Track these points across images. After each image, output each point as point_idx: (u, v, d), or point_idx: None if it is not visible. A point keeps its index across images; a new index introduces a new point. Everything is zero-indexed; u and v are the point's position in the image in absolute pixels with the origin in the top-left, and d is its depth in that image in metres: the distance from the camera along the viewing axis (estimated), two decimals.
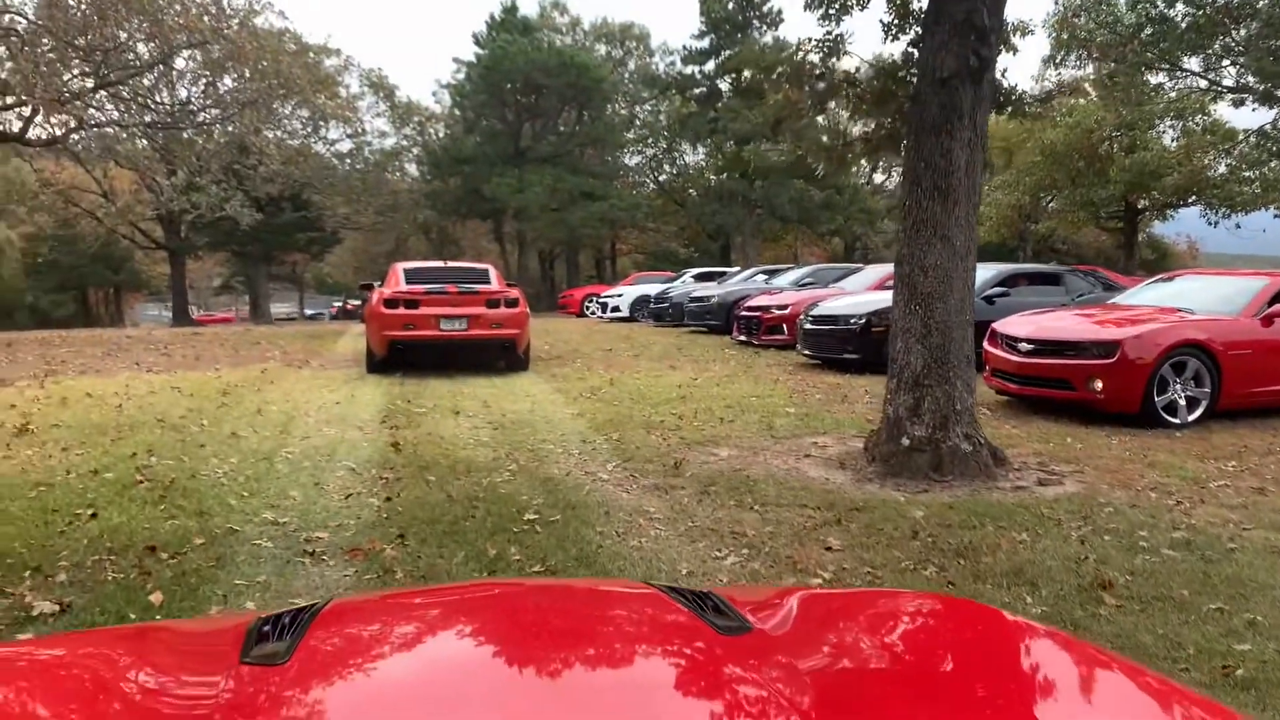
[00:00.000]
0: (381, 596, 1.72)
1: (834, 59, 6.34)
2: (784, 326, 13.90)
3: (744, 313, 14.83)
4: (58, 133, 18.50)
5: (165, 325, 38.25)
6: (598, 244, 51.47)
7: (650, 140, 45.03)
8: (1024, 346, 8.33)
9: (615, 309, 23.67)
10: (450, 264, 13.18)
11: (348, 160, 37.36)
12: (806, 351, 11.84)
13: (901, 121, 6.71)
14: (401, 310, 11.10)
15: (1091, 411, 7.90)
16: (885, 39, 6.70)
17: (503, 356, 11.76)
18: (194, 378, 10.64)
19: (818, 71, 6.40)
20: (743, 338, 14.74)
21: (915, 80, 6.22)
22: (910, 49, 6.44)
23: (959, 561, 4.20)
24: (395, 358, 11.43)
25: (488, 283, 11.95)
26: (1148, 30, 16.21)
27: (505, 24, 35.58)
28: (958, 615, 1.39)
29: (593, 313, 29.55)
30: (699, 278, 23.90)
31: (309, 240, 36.52)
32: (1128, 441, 7.04)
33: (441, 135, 39.86)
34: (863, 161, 55.28)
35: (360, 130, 36.87)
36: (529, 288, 41.06)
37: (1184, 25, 16.24)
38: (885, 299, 11.55)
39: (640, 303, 23.36)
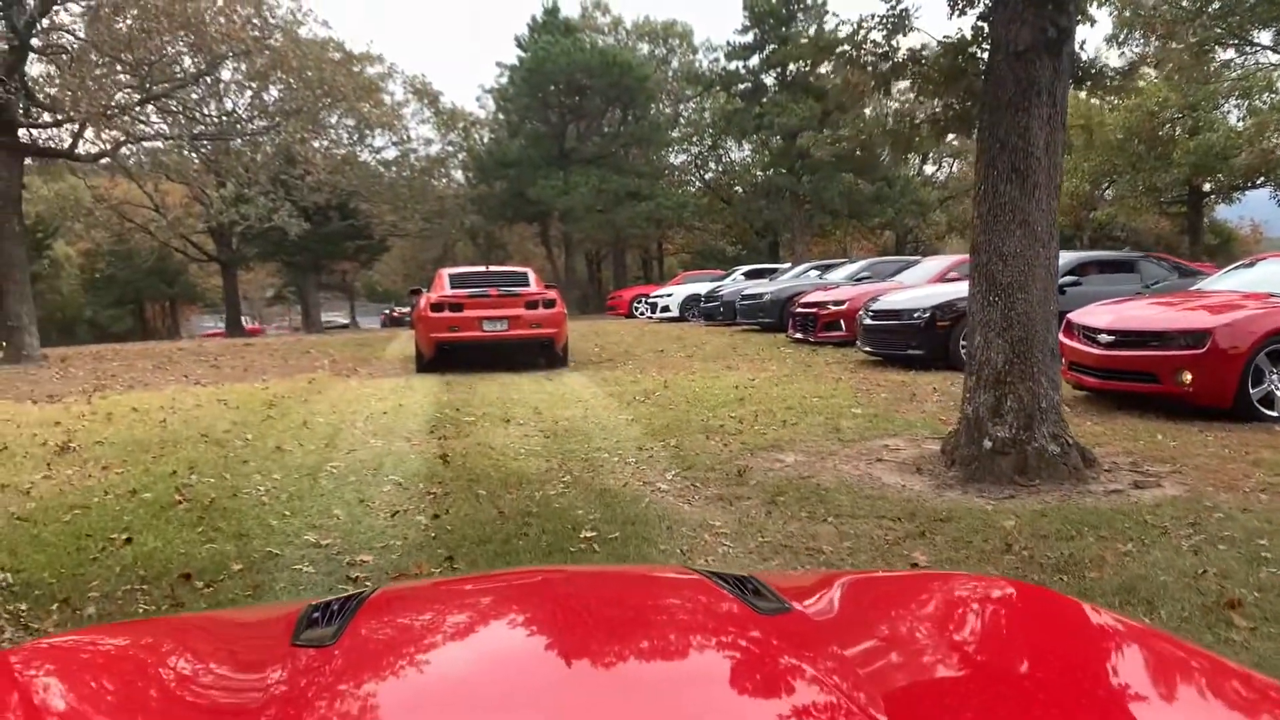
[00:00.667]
0: (429, 584, 1.77)
1: (899, 35, 5.93)
2: (841, 323, 13.47)
3: (799, 309, 14.41)
4: (106, 148, 18.60)
5: (219, 336, 39.01)
6: (644, 244, 51.21)
7: (695, 138, 44.63)
8: (1104, 338, 7.84)
9: (665, 309, 23.34)
10: (492, 269, 13.95)
11: (393, 167, 37.52)
12: (867, 348, 11.41)
13: (972, 101, 6.29)
14: (447, 313, 11.83)
15: (1180, 406, 7.39)
16: (951, 14, 6.29)
17: (542, 354, 12.44)
18: (241, 390, 10.52)
19: (881, 50, 6.00)
20: (799, 335, 14.32)
21: (987, 55, 5.81)
22: (980, 23, 6.02)
23: (1061, 578, 3.81)
24: (442, 358, 12.10)
25: (527, 285, 12.61)
26: (1216, 3, 15.47)
27: (547, 25, 35.44)
28: (1005, 596, 1.37)
29: (642, 313, 29.25)
30: (749, 275, 23.48)
31: (357, 249, 36.74)
32: (1224, 438, 6.54)
33: (486, 140, 39.87)
34: (913, 153, 54.57)
35: (405, 137, 37.03)
36: (575, 289, 40.88)
37: None
38: (949, 292, 11.09)
39: (690, 302, 23.00)
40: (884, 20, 5.88)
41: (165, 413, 8.66)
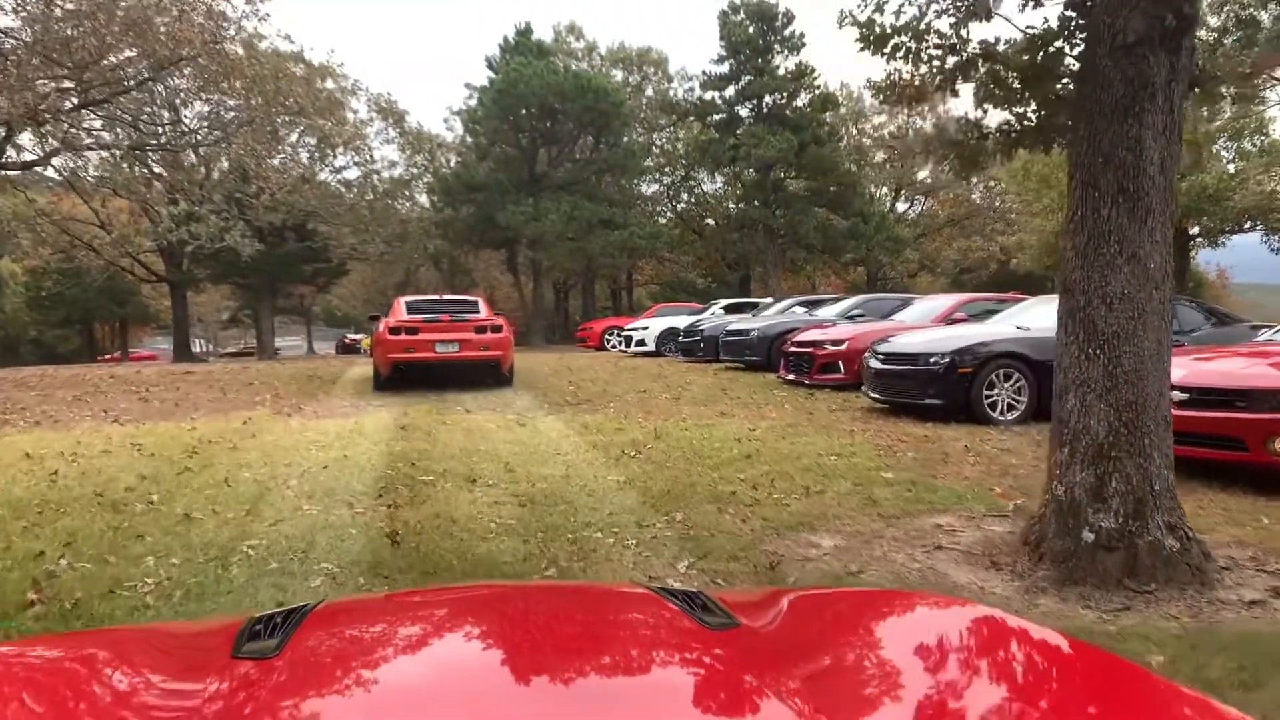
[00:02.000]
0: (375, 598, 1.84)
1: (972, 23, 4.82)
2: (840, 364, 12.35)
3: (793, 349, 13.27)
4: (39, 154, 17.13)
5: (151, 360, 37.08)
6: (615, 274, 50.16)
7: (667, 168, 43.79)
8: (1176, 395, 6.75)
9: (640, 343, 22.16)
10: (445, 297, 15.79)
11: (355, 189, 36.15)
12: (875, 394, 10.27)
13: (1051, 109, 5.19)
14: (404, 336, 13.17)
15: (1269, 479, 6.31)
16: (1023, 4, 5.20)
17: (490, 374, 13.99)
18: (164, 430, 9.13)
19: (949, 41, 4.88)
20: (791, 376, 13.18)
21: (1083, 50, 4.73)
22: (1069, 12, 4.93)
23: None
24: (398, 376, 13.53)
25: (477, 312, 14.15)
26: (1232, 37, 14.64)
27: (519, 46, 34.41)
28: (951, 614, 1.39)
29: (614, 346, 28.05)
30: (729, 309, 22.40)
31: (314, 272, 35.25)
32: None
33: (453, 163, 38.63)
34: (884, 188, 54.17)
35: (369, 158, 35.70)
36: (542, 319, 39.66)
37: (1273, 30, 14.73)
38: (970, 334, 10.00)
39: (667, 336, 21.86)
40: (956, 4, 4.76)
41: (64, 461, 7.28)
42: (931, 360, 9.52)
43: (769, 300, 23.32)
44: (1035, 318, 10.21)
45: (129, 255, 35.25)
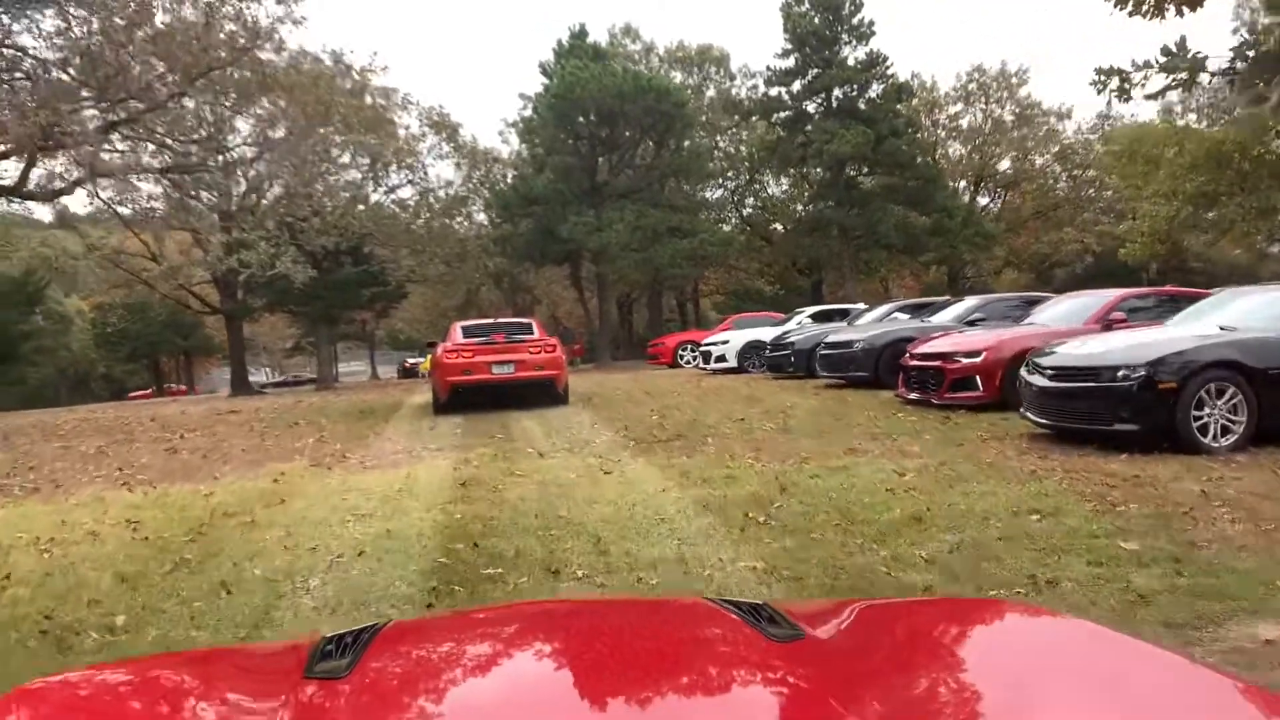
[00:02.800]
0: (443, 616, 1.89)
1: None
2: (977, 380, 10.43)
3: (915, 362, 11.38)
4: (62, 184, 16.01)
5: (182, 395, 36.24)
6: (681, 285, 48.47)
7: (730, 172, 41.94)
8: None
9: (721, 359, 20.36)
10: (499, 319, 16.45)
11: (410, 207, 35.02)
12: (1040, 419, 8.33)
13: None
14: (460, 359, 13.70)
15: None
16: None
17: (545, 393, 14.22)
18: (175, 499, 7.62)
19: None
20: (914, 395, 11.29)
21: None
22: None
23: None
24: (457, 399, 13.86)
25: (530, 334, 14.57)
26: None
27: (574, 50, 32.97)
28: (1035, 624, 1.35)
29: (688, 363, 26.35)
30: (818, 318, 20.50)
31: (372, 296, 34.15)
32: None
33: (510, 177, 37.32)
34: (962, 181, 51.42)
35: (423, 175, 34.55)
36: (609, 335, 38.07)
37: None
38: (1160, 341, 8.02)
39: (750, 350, 20.05)
40: None
41: (32, 552, 5.76)
42: (1121, 375, 7.57)
43: (860, 306, 21.37)
44: (1244, 315, 8.22)
45: (182, 287, 34.54)
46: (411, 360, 58.52)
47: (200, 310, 36.86)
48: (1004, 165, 50.72)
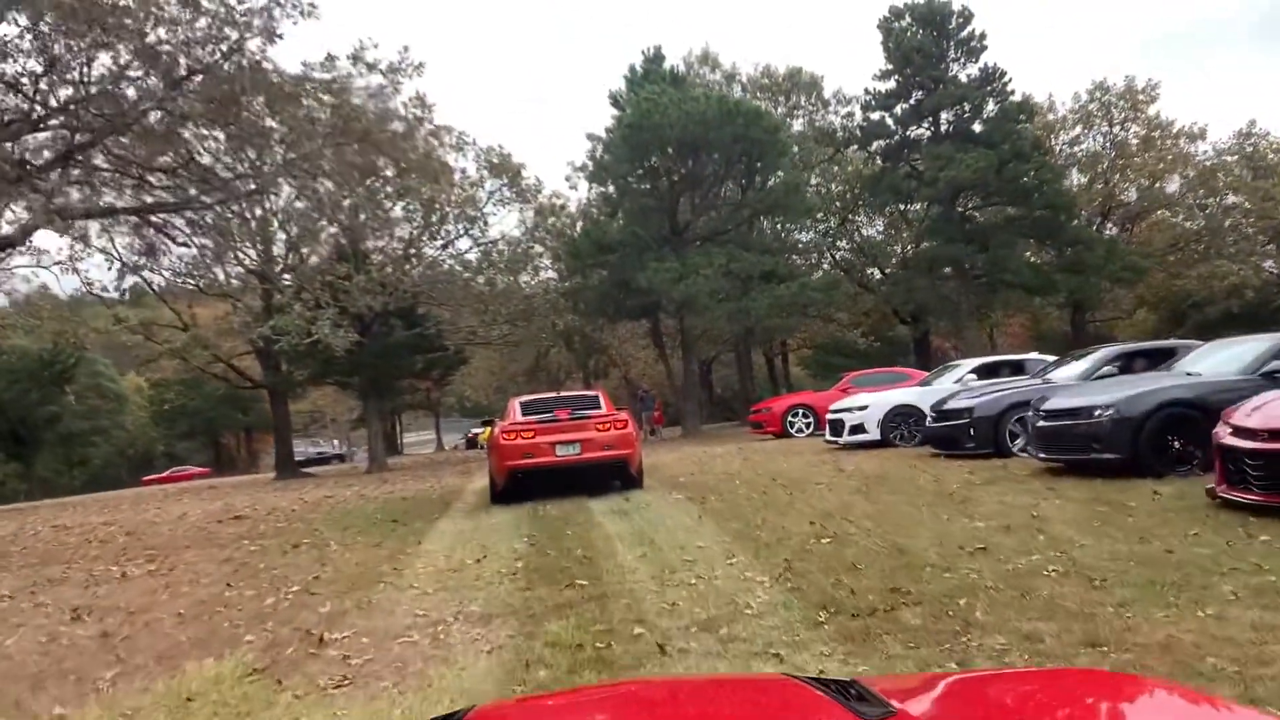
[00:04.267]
0: (529, 699, 1.87)
1: None
2: None
3: (1246, 442, 7.07)
4: (12, 230, 12.68)
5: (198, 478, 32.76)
6: (771, 340, 44.31)
7: (820, 213, 37.85)
8: None
9: (858, 429, 16.06)
10: (562, 393, 15.18)
11: (470, 262, 31.61)
12: None
13: None
14: (519, 440, 12.12)
15: None
16: None
17: (617, 476, 12.68)
18: None
19: None
20: (1254, 496, 6.96)
21: None
22: None
23: None
24: (517, 486, 12.26)
25: (597, 408, 13.19)
26: None
27: (650, 75, 29.52)
28: (1131, 693, 1.34)
29: (800, 431, 22.16)
30: (982, 373, 16.17)
31: (427, 363, 30.64)
32: None
33: (579, 226, 33.74)
34: (1083, 213, 46.38)
35: (483, 225, 31.12)
36: (695, 398, 33.96)
37: None
38: None
39: (898, 417, 15.79)
40: None
41: None
42: None
43: (1039, 357, 17.01)
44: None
45: (219, 359, 31.52)
46: (474, 430, 55.19)
47: (241, 385, 33.81)
48: (1129, 194, 45.84)
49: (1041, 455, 10.43)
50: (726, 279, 26.80)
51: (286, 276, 31.25)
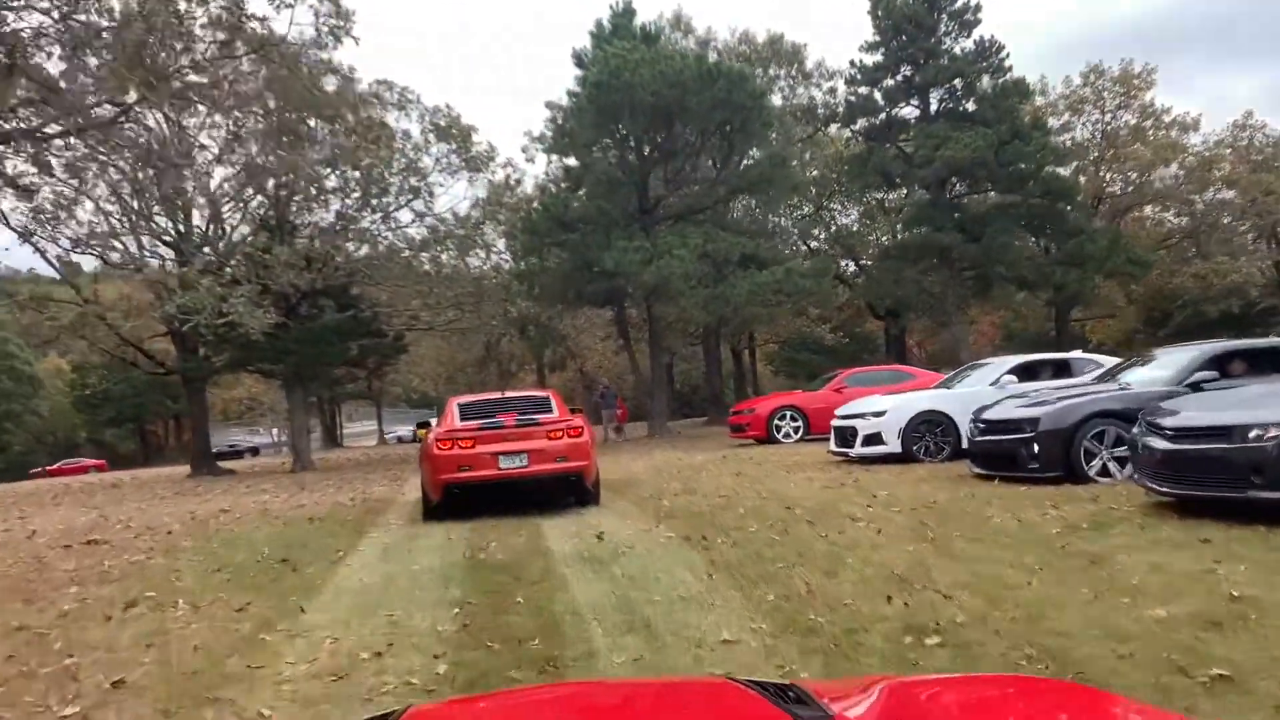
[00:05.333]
0: (460, 701, 1.85)
1: None
2: None
3: None
4: None
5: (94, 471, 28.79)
6: (740, 332, 41.69)
7: (797, 198, 35.26)
8: None
9: (873, 439, 13.32)
10: (508, 394, 12.96)
11: (413, 237, 28.52)
12: None
13: None
14: (456, 450, 10.60)
15: None
16: None
17: (570, 491, 11.24)
18: None
19: None
20: None
21: None
22: None
23: None
24: (452, 502, 10.71)
25: (549, 411, 11.41)
26: None
27: (619, 31, 26.58)
28: (1060, 698, 1.36)
29: (786, 436, 19.55)
30: (1022, 373, 13.57)
31: (362, 350, 27.51)
32: None
33: (534, 202, 30.73)
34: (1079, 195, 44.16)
35: (429, 196, 28.05)
36: (664, 397, 31.15)
37: None
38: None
39: (923, 425, 13.13)
40: None
41: None
42: None
43: (1085, 355, 14.49)
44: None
45: (125, 341, 28.16)
46: (417, 425, 52.36)
47: (152, 371, 30.41)
48: (1115, 187, 43.85)
49: (1163, 488, 7.77)
50: (702, 262, 24.04)
51: (207, 250, 28.07)
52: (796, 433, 19.54)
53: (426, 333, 33.32)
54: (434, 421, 13.06)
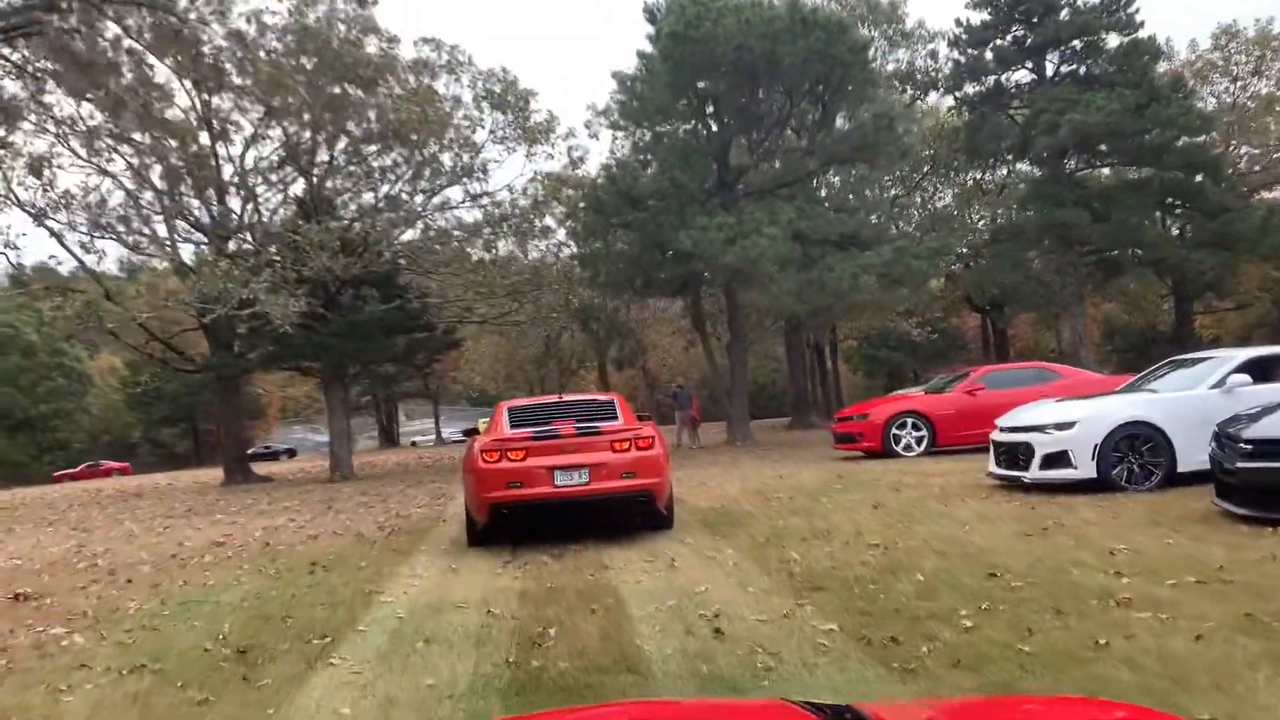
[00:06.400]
0: (529, 717, 1.80)
1: None
2: None
3: None
4: None
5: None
6: (837, 322, 38.37)
7: (914, 161, 31.87)
8: None
9: (1057, 458, 10.07)
10: (565, 398, 10.73)
11: (462, 216, 25.83)
12: None
13: None
14: (505, 463, 9.09)
15: None
16: None
17: (639, 513, 9.60)
18: None
19: None
20: None
21: None
22: None
23: None
24: (501, 525, 9.29)
25: (613, 418, 9.70)
26: None
27: None
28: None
29: (908, 448, 16.44)
30: (1255, 371, 10.23)
31: (410, 346, 24.84)
32: None
33: (599, 176, 27.81)
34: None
35: (482, 173, 25.34)
36: (744, 398, 27.99)
37: None
38: None
39: (1123, 443, 9.85)
40: None
41: None
42: None
43: None
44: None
45: (154, 338, 25.92)
46: (468, 431, 49.56)
47: (180, 368, 28.15)
48: (1243, 165, 39.60)
49: None
50: (794, 242, 20.87)
51: (244, 236, 25.76)
52: (919, 444, 16.35)
53: (481, 327, 30.68)
54: (483, 426, 10.97)
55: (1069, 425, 10.17)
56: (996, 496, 10.34)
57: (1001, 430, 11.12)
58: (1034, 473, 10.31)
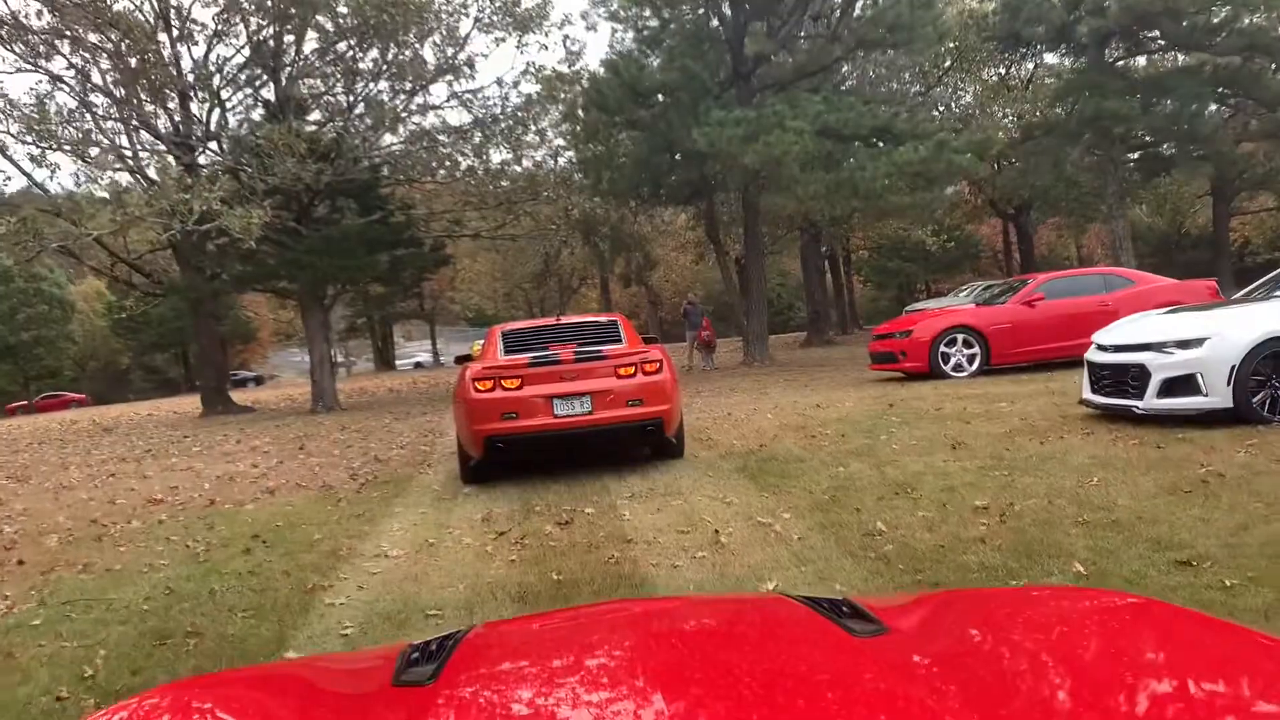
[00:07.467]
0: (524, 620, 1.77)
1: None
2: None
3: None
4: None
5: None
6: (847, 233, 36.17)
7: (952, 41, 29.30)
8: None
9: (1180, 384, 8.16)
10: (564, 320, 10.27)
11: (446, 118, 23.56)
12: None
13: None
14: (500, 392, 8.48)
15: None
16: None
17: (646, 442, 9.15)
18: None
19: None
20: None
21: None
22: None
23: None
24: (496, 459, 8.64)
25: (617, 341, 9.15)
26: None
27: None
28: (1120, 609, 1.33)
29: (958, 369, 14.57)
30: None
31: (395, 263, 22.78)
32: None
33: (601, 70, 25.39)
34: None
35: (468, 68, 23.01)
36: (761, 314, 25.93)
37: None
38: None
39: (1265, 364, 7.92)
40: None
41: None
42: None
43: None
44: None
45: (115, 256, 23.90)
46: (460, 358, 47.98)
47: (149, 291, 26.16)
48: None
49: None
50: (821, 137, 18.66)
51: (212, 145, 23.54)
52: (971, 363, 14.45)
53: (475, 243, 28.59)
54: (476, 352, 10.00)
55: (1196, 343, 8.21)
56: (1100, 431, 8.45)
57: (1102, 349, 9.17)
58: (1149, 401, 8.38)
